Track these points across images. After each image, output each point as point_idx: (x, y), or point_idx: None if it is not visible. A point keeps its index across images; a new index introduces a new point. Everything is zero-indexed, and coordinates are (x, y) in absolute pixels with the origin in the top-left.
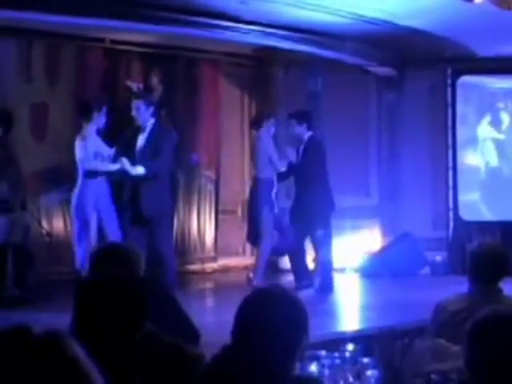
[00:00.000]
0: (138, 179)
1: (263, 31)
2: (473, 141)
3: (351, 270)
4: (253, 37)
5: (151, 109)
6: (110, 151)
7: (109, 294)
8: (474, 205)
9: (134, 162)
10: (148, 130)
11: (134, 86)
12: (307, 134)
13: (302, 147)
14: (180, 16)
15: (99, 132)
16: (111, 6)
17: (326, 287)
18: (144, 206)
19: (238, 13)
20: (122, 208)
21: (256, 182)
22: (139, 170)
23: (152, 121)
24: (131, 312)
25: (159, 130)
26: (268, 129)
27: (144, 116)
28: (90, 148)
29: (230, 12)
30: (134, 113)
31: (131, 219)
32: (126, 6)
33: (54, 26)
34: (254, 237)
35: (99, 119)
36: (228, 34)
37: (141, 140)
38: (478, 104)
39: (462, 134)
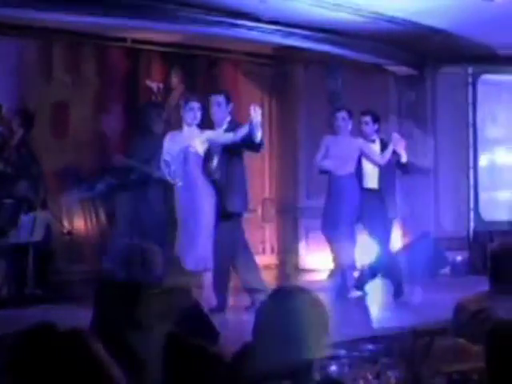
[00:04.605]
0: None
1: (283, 30)
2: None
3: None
4: (273, 36)
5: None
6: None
7: (123, 295)
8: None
9: None
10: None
11: (154, 85)
12: (376, 136)
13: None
14: (200, 15)
15: None
16: (132, 5)
17: None
18: None
19: (258, 12)
20: None
21: None
22: None
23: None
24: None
25: None
26: None
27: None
28: None
29: (249, 11)
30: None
31: None
32: (147, 5)
33: (74, 25)
34: None
35: None
36: (248, 34)
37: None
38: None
39: (494, 132)
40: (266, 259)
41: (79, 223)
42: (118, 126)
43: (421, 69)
